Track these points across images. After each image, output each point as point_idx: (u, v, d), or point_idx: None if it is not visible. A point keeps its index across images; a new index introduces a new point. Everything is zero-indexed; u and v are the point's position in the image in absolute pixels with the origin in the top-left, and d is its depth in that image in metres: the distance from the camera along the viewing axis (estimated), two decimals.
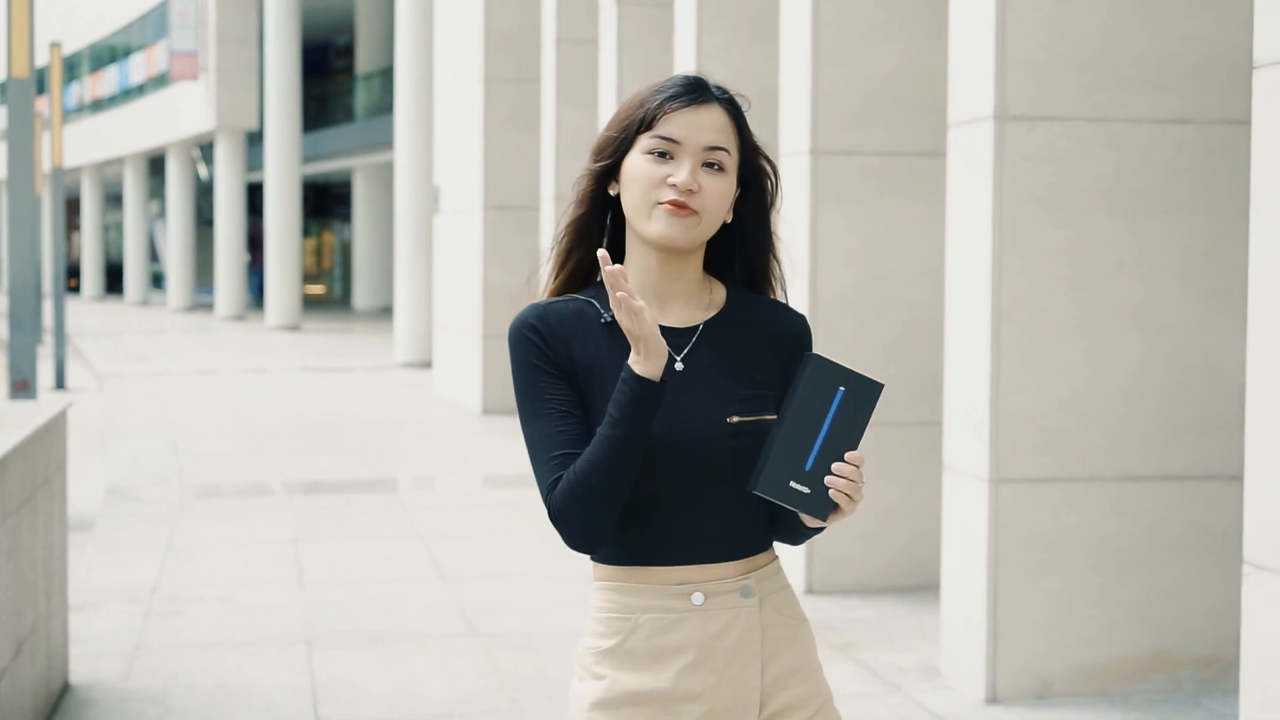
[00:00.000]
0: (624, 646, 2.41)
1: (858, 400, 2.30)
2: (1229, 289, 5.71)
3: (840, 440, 2.30)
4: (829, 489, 2.30)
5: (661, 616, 2.40)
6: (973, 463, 5.70)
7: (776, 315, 2.53)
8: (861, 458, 2.31)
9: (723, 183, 2.41)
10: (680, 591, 2.40)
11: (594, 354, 2.41)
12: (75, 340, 27.32)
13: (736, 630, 2.42)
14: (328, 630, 6.76)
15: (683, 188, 2.36)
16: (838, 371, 2.30)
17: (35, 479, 5.37)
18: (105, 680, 6.01)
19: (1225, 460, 5.74)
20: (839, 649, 6.44)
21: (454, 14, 16.64)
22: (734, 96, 2.48)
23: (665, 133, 2.39)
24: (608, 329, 2.42)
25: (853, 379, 2.30)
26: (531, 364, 2.40)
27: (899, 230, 7.40)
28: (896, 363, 7.43)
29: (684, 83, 2.44)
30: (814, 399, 2.29)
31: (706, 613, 2.41)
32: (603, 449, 2.31)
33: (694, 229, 2.39)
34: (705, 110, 2.42)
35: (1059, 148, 5.59)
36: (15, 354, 8.76)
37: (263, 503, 10.26)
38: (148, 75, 42.39)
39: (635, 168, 2.40)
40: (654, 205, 2.38)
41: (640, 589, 2.41)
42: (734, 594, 2.42)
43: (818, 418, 2.29)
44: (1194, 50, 5.64)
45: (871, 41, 7.31)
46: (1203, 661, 5.79)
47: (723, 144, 2.41)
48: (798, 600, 2.54)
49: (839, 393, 2.29)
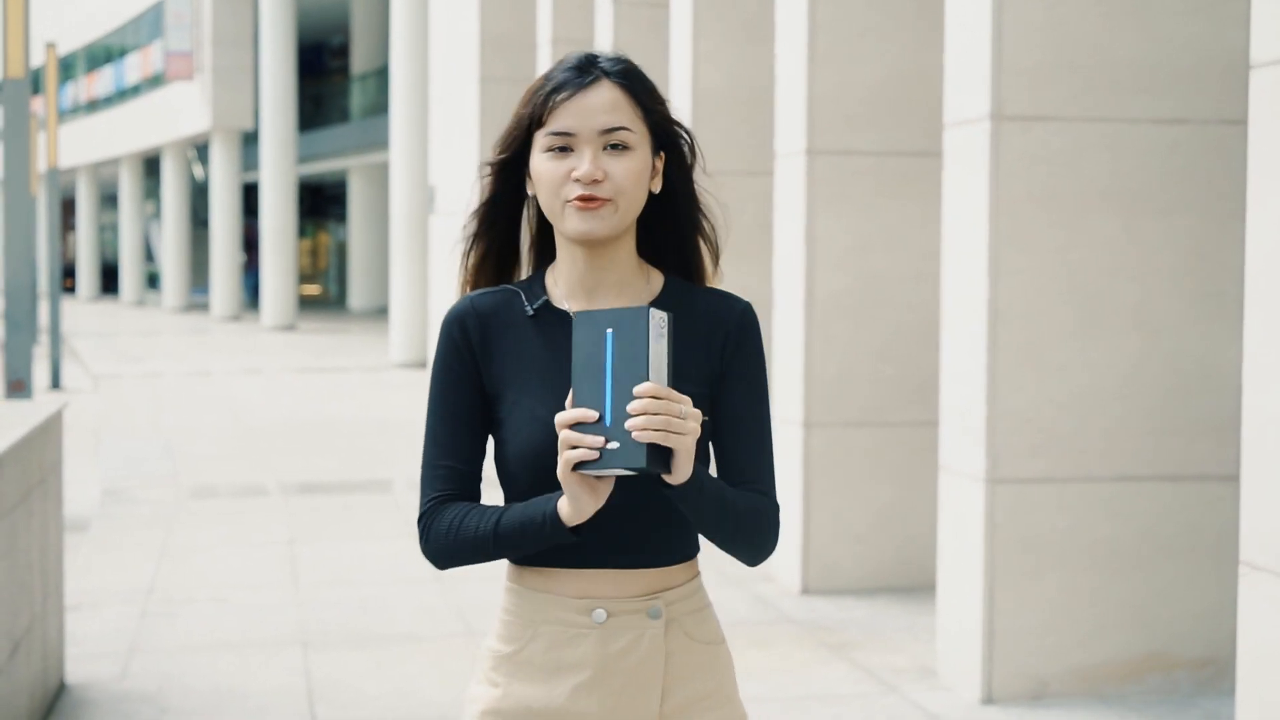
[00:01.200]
0: (521, 655, 2.33)
1: (629, 333, 2.09)
2: (1225, 290, 5.72)
3: (628, 380, 2.09)
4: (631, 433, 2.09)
5: (561, 630, 2.31)
6: (968, 463, 5.70)
7: (713, 305, 2.38)
8: (654, 387, 2.07)
9: (631, 160, 2.28)
10: (583, 606, 2.30)
11: (519, 345, 2.33)
12: (71, 341, 27.30)
13: (639, 652, 2.31)
14: (323, 631, 6.75)
15: (586, 179, 2.25)
16: (601, 316, 2.11)
17: (30, 479, 5.36)
18: (101, 681, 6.01)
19: (1221, 461, 5.74)
20: (834, 649, 6.44)
21: (449, 14, 16.64)
22: (627, 66, 2.33)
23: (557, 127, 2.27)
24: (533, 321, 2.34)
25: (616, 315, 2.11)
26: (448, 364, 2.34)
27: (894, 230, 7.40)
28: (892, 363, 7.44)
29: (570, 66, 2.31)
30: (588, 353, 2.11)
31: (608, 631, 2.30)
32: (487, 538, 2.27)
33: (610, 217, 2.28)
34: (594, 92, 2.28)
35: (1054, 148, 5.59)
36: (11, 354, 8.75)
37: (258, 503, 10.26)
38: (143, 75, 42.37)
39: (539, 169, 2.30)
40: (564, 204, 2.28)
41: (543, 599, 2.32)
42: (639, 614, 2.31)
43: (598, 368, 2.11)
44: (1189, 51, 5.65)
45: (866, 43, 7.32)
46: (1199, 662, 5.79)
47: (619, 122, 2.28)
48: (717, 621, 2.41)
49: (608, 335, 2.11)
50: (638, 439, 2.07)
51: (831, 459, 7.42)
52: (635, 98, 2.31)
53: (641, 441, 2.07)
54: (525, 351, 2.33)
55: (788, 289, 7.48)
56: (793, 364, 7.44)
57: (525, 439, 2.29)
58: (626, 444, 2.08)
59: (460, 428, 2.34)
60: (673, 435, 2.08)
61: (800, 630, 6.76)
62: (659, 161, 2.35)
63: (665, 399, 2.08)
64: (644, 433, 2.07)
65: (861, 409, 7.43)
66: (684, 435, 2.09)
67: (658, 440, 2.07)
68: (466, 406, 2.34)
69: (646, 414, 2.07)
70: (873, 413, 7.46)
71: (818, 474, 7.40)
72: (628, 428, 2.07)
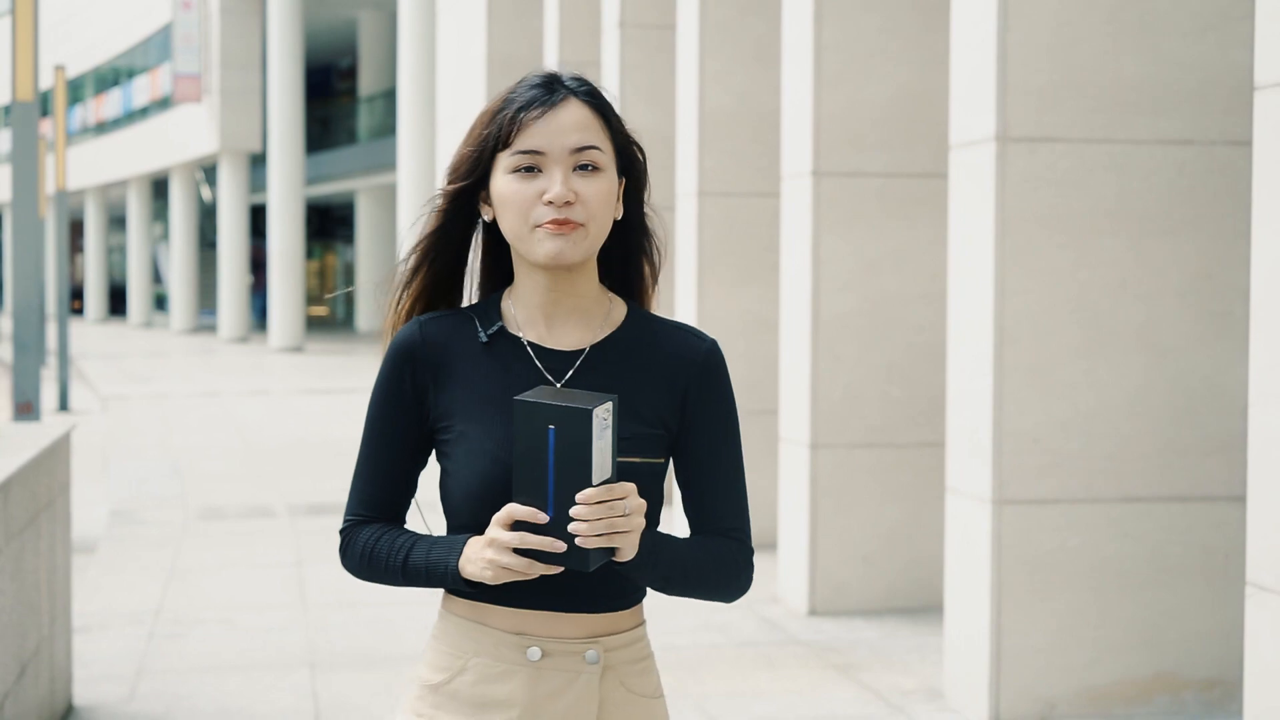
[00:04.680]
0: (449, 686, 2.23)
1: (572, 433, 2.03)
2: (1231, 309, 5.72)
3: (571, 481, 2.05)
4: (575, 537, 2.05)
5: (492, 664, 2.21)
6: (975, 484, 5.70)
7: (678, 344, 2.27)
8: (595, 493, 2.03)
9: (602, 182, 2.19)
10: (518, 643, 2.21)
11: (470, 374, 2.24)
12: (79, 362, 27.33)
13: (570, 696, 2.21)
14: (330, 652, 6.75)
15: (559, 201, 2.15)
16: (544, 410, 2.05)
17: (39, 501, 5.37)
18: (108, 702, 6.01)
19: (1228, 481, 5.74)
20: (842, 671, 6.44)
21: (456, 36, 16.68)
22: (592, 85, 2.24)
23: (525, 146, 2.17)
24: (486, 349, 2.24)
25: (559, 414, 2.04)
26: (389, 391, 2.28)
27: (901, 251, 7.41)
28: (898, 384, 7.44)
29: (535, 85, 2.21)
30: (530, 447, 2.06)
31: (540, 670, 2.20)
32: (396, 570, 2.24)
33: (582, 242, 2.18)
34: (563, 110, 2.19)
35: (1060, 169, 5.60)
36: (19, 376, 8.76)
37: (265, 525, 10.26)
38: (151, 98, 42.46)
39: (504, 191, 2.19)
40: (534, 228, 2.17)
41: (478, 630, 2.22)
42: (575, 656, 2.21)
43: (540, 464, 2.05)
44: (1195, 72, 5.66)
45: (873, 64, 7.33)
46: (1206, 683, 5.78)
47: (590, 141, 2.18)
48: (658, 675, 2.32)
49: (550, 431, 2.04)
50: (581, 544, 2.05)
51: (838, 480, 7.42)
52: (604, 117, 2.23)
53: (588, 546, 2.05)
54: (476, 380, 2.24)
55: (794, 310, 7.49)
56: (799, 385, 7.44)
57: (471, 472, 2.21)
58: (572, 546, 2.06)
59: (392, 454, 2.28)
60: (617, 536, 2.06)
61: (807, 651, 6.76)
62: (619, 186, 2.26)
63: (608, 500, 2.04)
64: (587, 539, 2.04)
65: (868, 430, 7.44)
66: (629, 532, 2.07)
67: (602, 545, 2.06)
68: (400, 436, 2.27)
69: (589, 520, 2.03)
70: (880, 434, 7.46)
71: (825, 495, 7.40)
72: (571, 531, 2.05)
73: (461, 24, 16.43)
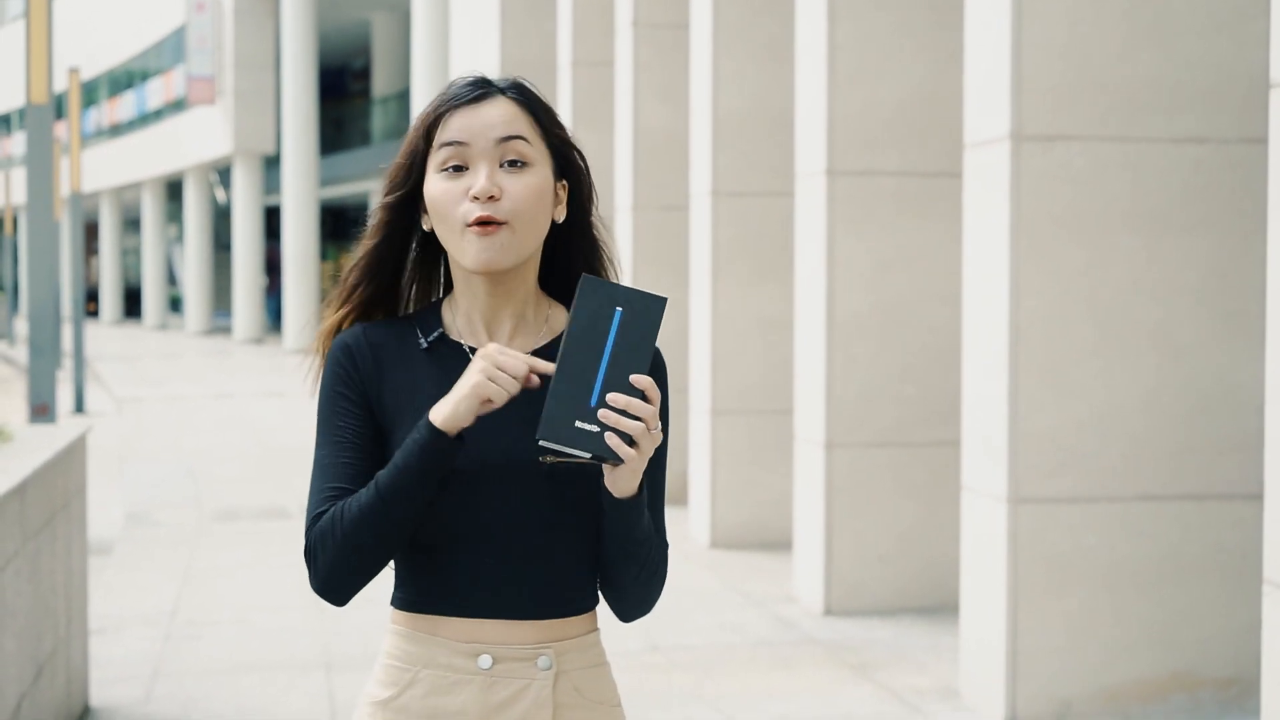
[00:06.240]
0: (398, 701, 2.19)
1: (639, 320, 1.97)
2: (1246, 308, 5.71)
3: (625, 367, 1.97)
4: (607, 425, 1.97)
5: (442, 675, 2.17)
6: (991, 483, 5.70)
7: None
8: (649, 382, 1.98)
9: (530, 177, 2.14)
10: (469, 650, 2.16)
11: (411, 378, 2.19)
12: (94, 364, 27.39)
13: (524, 703, 2.17)
14: (346, 653, 6.76)
15: (483, 194, 2.10)
16: (614, 291, 1.98)
17: (55, 503, 5.38)
18: (125, 704, 6.02)
19: (1243, 480, 5.73)
20: (858, 670, 6.43)
21: (470, 37, 16.69)
22: (526, 87, 2.20)
23: (447, 137, 2.14)
24: (427, 355, 2.20)
25: (631, 296, 1.98)
26: (334, 390, 2.21)
27: (915, 251, 7.40)
28: (913, 384, 7.43)
29: (461, 86, 2.18)
30: (590, 325, 1.98)
31: (492, 678, 2.16)
32: (373, 502, 2.10)
33: (509, 244, 2.12)
34: (488, 105, 2.15)
35: (1075, 167, 5.59)
36: (35, 378, 8.78)
37: (281, 526, 10.28)
38: (165, 100, 42.54)
39: (432, 191, 2.16)
40: (463, 229, 2.12)
41: (428, 640, 2.18)
42: (527, 662, 2.17)
43: (597, 346, 1.97)
44: (1210, 70, 5.65)
45: (887, 63, 7.33)
46: (1223, 682, 5.77)
47: (516, 132, 2.14)
48: (612, 681, 2.27)
49: (617, 314, 1.98)
50: (625, 428, 1.97)
51: (854, 480, 7.41)
52: (533, 114, 2.18)
53: (621, 432, 1.97)
54: (417, 385, 2.19)
55: (809, 309, 7.49)
56: (814, 384, 7.44)
57: None
58: (598, 431, 1.97)
59: (348, 449, 2.19)
60: (643, 445, 2.00)
61: (823, 651, 6.75)
62: (562, 190, 2.22)
63: (654, 403, 2.00)
64: (616, 436, 1.98)
65: (883, 429, 7.43)
66: (646, 445, 2.01)
67: (636, 439, 1.99)
68: (354, 432, 2.19)
69: (630, 411, 1.98)
70: (894, 433, 7.45)
71: (840, 495, 7.40)
72: (600, 417, 1.97)
73: (475, 25, 16.44)
